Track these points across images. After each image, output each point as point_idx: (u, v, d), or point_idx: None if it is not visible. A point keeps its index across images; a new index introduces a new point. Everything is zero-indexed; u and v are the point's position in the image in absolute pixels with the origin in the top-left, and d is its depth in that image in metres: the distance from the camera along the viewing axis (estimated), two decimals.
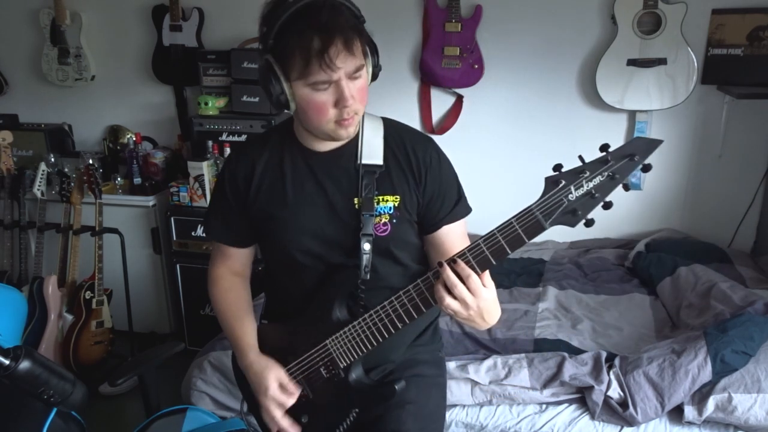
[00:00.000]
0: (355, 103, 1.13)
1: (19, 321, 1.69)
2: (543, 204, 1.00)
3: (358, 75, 1.12)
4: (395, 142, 1.25)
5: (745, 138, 2.81)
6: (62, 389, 1.05)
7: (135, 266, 3.09)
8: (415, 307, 1.12)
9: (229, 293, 1.38)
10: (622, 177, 0.95)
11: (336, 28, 1.06)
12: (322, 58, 1.06)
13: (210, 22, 3.20)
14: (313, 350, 1.24)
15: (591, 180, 0.97)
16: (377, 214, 1.21)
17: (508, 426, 2.01)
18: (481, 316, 1.07)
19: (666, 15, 2.64)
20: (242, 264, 1.41)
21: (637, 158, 0.94)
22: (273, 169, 1.26)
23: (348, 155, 1.23)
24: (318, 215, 1.23)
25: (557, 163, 1.01)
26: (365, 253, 1.20)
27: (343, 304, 1.24)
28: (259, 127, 2.98)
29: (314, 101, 1.12)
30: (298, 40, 1.06)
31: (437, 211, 1.26)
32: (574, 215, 0.98)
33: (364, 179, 1.20)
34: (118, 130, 3.46)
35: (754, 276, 2.53)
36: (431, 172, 1.24)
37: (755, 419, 1.86)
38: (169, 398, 2.64)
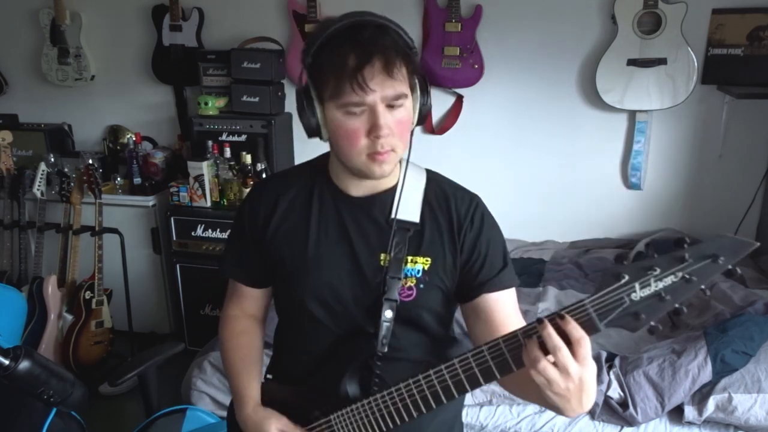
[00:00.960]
0: (392, 137, 1.00)
1: (18, 321, 1.69)
2: (599, 300, 0.82)
3: (399, 104, 0.99)
4: (436, 197, 1.12)
5: (745, 138, 2.81)
6: (62, 389, 1.05)
7: (135, 266, 3.09)
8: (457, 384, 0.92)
9: (241, 337, 1.23)
10: (700, 281, 0.78)
11: (376, 47, 0.96)
12: (354, 76, 0.95)
13: (210, 22, 3.20)
14: (314, 424, 1.10)
15: (661, 279, 0.79)
16: (404, 277, 1.07)
17: (508, 426, 2.01)
18: (580, 392, 0.85)
19: (666, 15, 2.64)
20: (258, 306, 1.26)
21: (722, 261, 0.77)
22: (298, 208, 1.13)
23: (382, 205, 1.10)
24: (339, 266, 1.10)
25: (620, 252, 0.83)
26: (386, 321, 1.06)
27: (354, 377, 1.08)
28: (259, 127, 2.98)
29: (345, 127, 1.00)
30: (334, 57, 0.97)
31: (475, 275, 1.09)
32: (637, 319, 0.81)
33: (396, 236, 1.07)
34: (118, 130, 3.46)
35: (754, 276, 2.53)
36: (472, 231, 1.10)
37: (755, 419, 1.86)
38: (169, 398, 2.64)
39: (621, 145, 2.95)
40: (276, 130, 3.00)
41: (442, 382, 0.94)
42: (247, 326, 1.25)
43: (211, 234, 2.94)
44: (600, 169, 3.01)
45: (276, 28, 3.13)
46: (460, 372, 0.92)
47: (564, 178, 3.05)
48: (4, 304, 1.66)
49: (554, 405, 0.88)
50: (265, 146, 2.98)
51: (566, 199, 3.07)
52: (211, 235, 2.94)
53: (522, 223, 3.02)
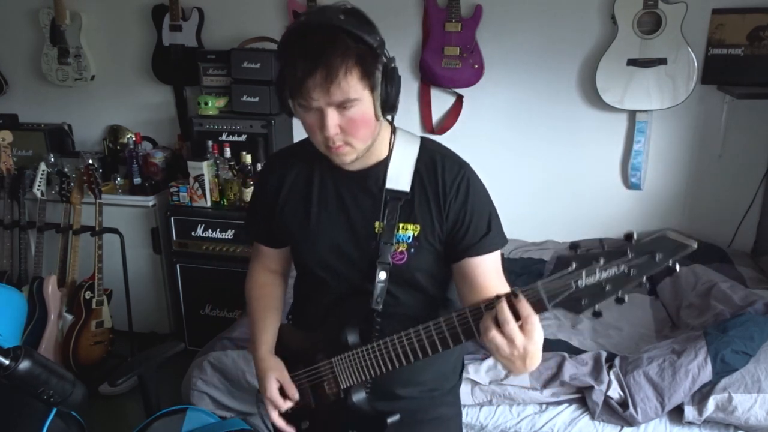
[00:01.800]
0: (344, 135, 1.08)
1: (18, 321, 1.69)
2: (549, 284, 0.91)
3: (349, 106, 1.05)
4: (426, 167, 1.19)
5: (745, 138, 2.81)
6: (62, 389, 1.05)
7: (135, 266, 3.09)
8: (442, 341, 1.05)
9: (263, 288, 1.39)
10: (639, 275, 0.86)
11: (321, 59, 1.00)
12: (299, 88, 1.03)
13: (210, 22, 3.20)
14: (319, 364, 1.24)
15: (605, 270, 0.87)
16: (395, 242, 1.17)
17: (508, 426, 2.01)
18: (524, 358, 0.97)
19: (666, 15, 2.64)
20: (278, 263, 1.41)
21: (659, 258, 0.84)
22: (301, 183, 1.25)
23: (375, 177, 1.19)
24: (338, 234, 1.22)
25: (574, 242, 0.90)
26: (380, 282, 1.17)
27: (355, 328, 1.21)
28: (259, 127, 2.98)
29: (304, 120, 1.10)
30: (286, 63, 1.05)
31: (460, 240, 1.18)
32: (579, 303, 0.90)
33: (388, 206, 1.17)
34: (118, 130, 3.46)
35: (754, 276, 2.53)
36: (457, 199, 1.17)
37: (755, 419, 1.86)
38: (169, 398, 2.64)
39: (621, 145, 2.95)
40: (276, 130, 3.00)
41: (419, 341, 1.07)
42: (269, 279, 1.40)
43: (211, 234, 2.94)
44: (600, 169, 3.01)
45: (276, 28, 3.13)
46: (433, 333, 1.05)
47: (564, 178, 3.05)
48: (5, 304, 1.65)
49: (503, 365, 1.07)
50: (265, 146, 2.98)
51: (566, 199, 3.07)
52: (211, 235, 2.94)
53: (522, 223, 3.02)
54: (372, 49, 1.05)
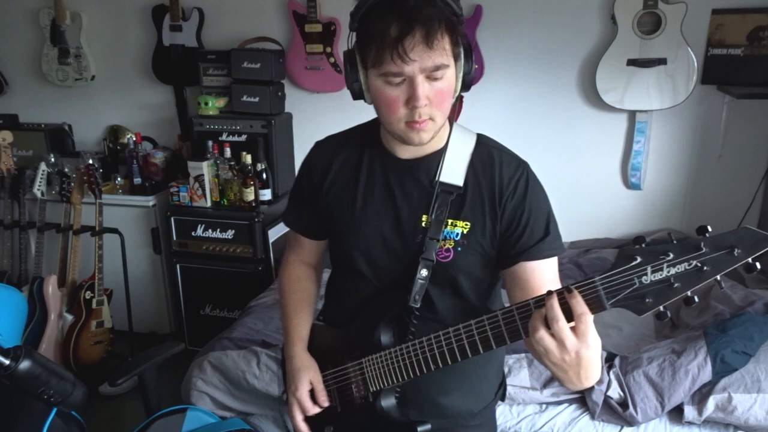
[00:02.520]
0: (431, 107, 1.02)
1: (19, 321, 1.69)
2: (610, 279, 0.83)
3: (439, 76, 1.00)
4: (482, 162, 1.13)
5: (745, 138, 2.81)
6: (62, 389, 1.05)
7: (135, 266, 3.09)
8: (484, 342, 0.97)
9: (298, 282, 1.33)
10: (713, 271, 0.77)
11: (419, 18, 0.95)
12: (395, 47, 0.96)
13: (210, 22, 3.20)
14: (349, 365, 1.19)
15: (674, 265, 0.79)
16: (442, 239, 1.10)
17: (508, 426, 2.01)
18: (578, 366, 0.88)
19: (666, 15, 2.64)
20: (314, 255, 1.35)
21: (738, 253, 0.76)
22: (349, 168, 1.19)
23: (427, 168, 1.13)
24: (382, 224, 1.15)
25: (640, 235, 0.83)
26: (420, 279, 1.10)
27: (389, 327, 1.15)
28: (259, 127, 2.98)
29: (385, 95, 1.02)
30: (377, 26, 0.98)
31: (515, 242, 1.10)
32: (643, 303, 0.82)
33: (438, 199, 1.10)
34: (118, 130, 3.46)
35: (754, 276, 2.53)
36: (514, 198, 1.10)
37: (755, 419, 1.86)
38: (169, 398, 2.64)
39: (621, 145, 2.95)
40: (276, 130, 3.00)
41: (458, 341, 1.00)
42: (304, 272, 1.35)
43: (211, 234, 2.94)
44: (600, 169, 3.01)
45: (276, 28, 3.13)
46: (475, 333, 0.98)
47: (564, 178, 3.05)
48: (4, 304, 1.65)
49: (555, 375, 0.92)
50: (265, 146, 2.98)
51: (566, 199, 3.07)
52: (212, 235, 2.94)
53: None
54: (458, 16, 1.01)
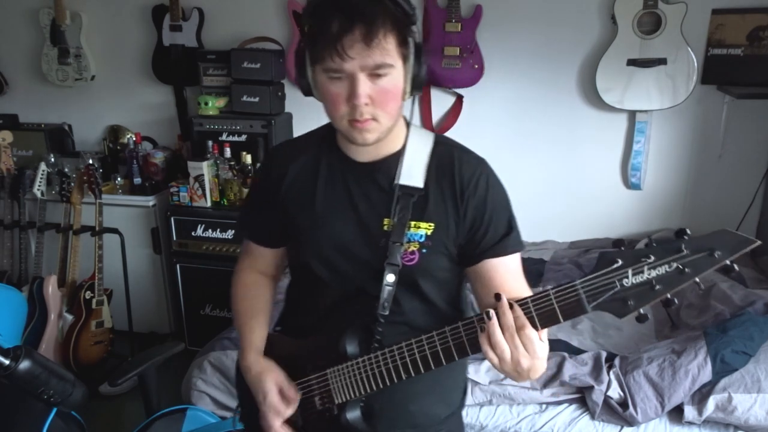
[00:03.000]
0: (373, 107, 1.00)
1: (19, 321, 1.69)
2: (590, 283, 0.85)
3: (382, 73, 0.98)
4: (442, 162, 1.12)
5: (745, 138, 2.81)
6: (62, 389, 1.05)
7: (135, 266, 3.09)
8: (446, 353, 0.98)
9: (249, 289, 1.27)
10: (693, 273, 0.79)
11: (361, 16, 0.95)
12: (334, 44, 0.95)
13: (210, 22, 3.20)
14: (312, 376, 1.13)
15: (654, 268, 0.80)
16: (406, 242, 1.08)
17: (508, 426, 2.01)
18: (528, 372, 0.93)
19: (666, 15, 2.64)
20: (268, 265, 1.29)
21: (719, 255, 0.78)
22: (307, 173, 1.16)
23: (386, 170, 1.11)
24: (344, 229, 1.12)
25: (619, 238, 0.85)
26: (387, 285, 1.07)
27: (354, 336, 1.11)
28: (259, 127, 2.98)
29: (328, 91, 1.01)
30: (320, 22, 0.97)
31: (479, 241, 1.10)
32: (624, 305, 0.83)
33: (400, 202, 1.08)
34: (118, 130, 3.46)
35: (754, 276, 2.53)
36: (475, 197, 1.09)
37: (755, 419, 1.86)
38: (169, 398, 2.64)
39: (621, 145, 2.95)
40: (276, 130, 3.00)
41: (421, 352, 1.00)
42: (256, 279, 1.29)
43: (211, 234, 2.94)
44: (600, 169, 3.01)
45: (276, 28, 3.13)
46: (437, 344, 0.99)
47: (564, 178, 3.05)
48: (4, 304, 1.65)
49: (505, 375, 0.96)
50: (265, 146, 2.98)
51: (566, 199, 3.07)
52: (212, 235, 2.94)
53: (522, 223, 3.01)
54: (408, 16, 1.00)
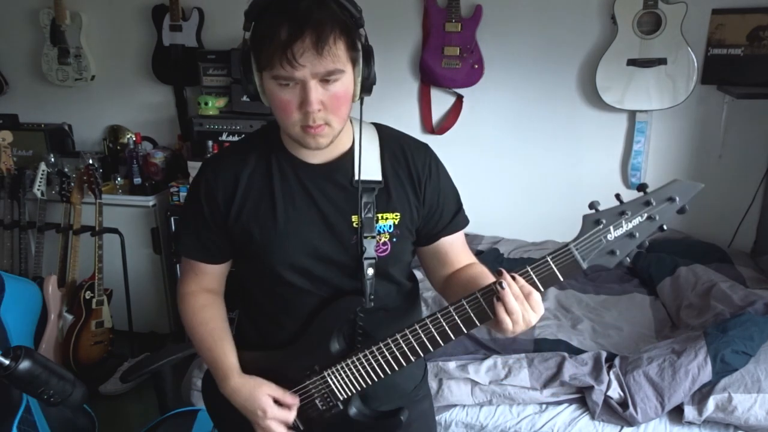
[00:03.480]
0: (326, 112, 1.00)
1: (32, 314, 1.68)
2: (581, 243, 0.99)
3: (333, 79, 0.98)
4: (392, 153, 1.14)
5: (745, 138, 2.81)
6: (62, 389, 1.05)
7: (135, 266, 3.09)
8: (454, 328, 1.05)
9: (204, 311, 1.22)
10: (661, 219, 0.96)
11: (310, 21, 0.93)
12: (284, 51, 0.94)
13: (210, 22, 3.20)
14: (308, 381, 1.14)
15: (631, 220, 0.97)
16: (377, 233, 1.11)
17: (508, 426, 2.01)
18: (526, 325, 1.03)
19: (666, 15, 2.64)
20: (216, 281, 1.25)
21: (678, 200, 0.95)
22: (259, 182, 1.12)
23: (343, 169, 1.11)
24: (312, 234, 1.11)
25: (593, 201, 1.01)
26: (369, 279, 1.10)
27: (340, 332, 1.14)
28: (259, 127, 2.97)
29: (279, 98, 1.00)
30: (268, 28, 0.96)
31: (436, 222, 1.17)
32: (612, 255, 0.99)
33: (363, 198, 1.09)
34: (118, 130, 3.46)
35: (754, 276, 2.53)
36: (431, 182, 1.15)
37: (755, 419, 1.86)
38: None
39: (621, 145, 2.95)
40: None
41: (427, 333, 1.06)
42: (208, 300, 1.24)
43: None
44: (600, 169, 3.00)
45: None
46: (443, 323, 1.05)
47: (564, 178, 3.05)
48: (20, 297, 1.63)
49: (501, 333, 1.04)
50: None
51: (566, 199, 3.07)
52: None
53: (522, 223, 3.02)
54: (356, 20, 0.99)
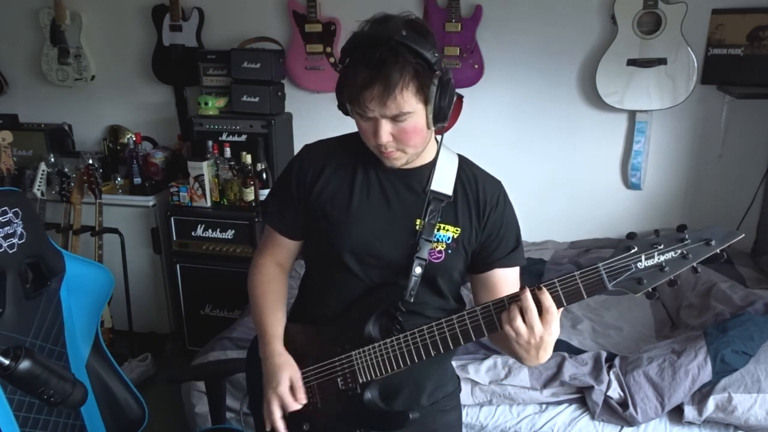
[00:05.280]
0: (396, 143, 1.14)
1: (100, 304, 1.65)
2: (610, 265, 1.02)
3: (403, 119, 1.11)
4: (467, 176, 1.26)
5: (745, 138, 2.81)
6: (62, 389, 1.05)
7: (135, 266, 3.09)
8: (464, 334, 1.12)
9: (271, 283, 1.36)
10: (694, 258, 0.98)
11: (380, 73, 1.06)
12: (356, 96, 1.09)
13: (210, 22, 3.20)
14: (335, 358, 1.23)
15: (664, 254, 0.99)
16: (435, 241, 1.22)
17: (508, 426, 2.01)
18: (539, 348, 1.07)
19: (666, 15, 2.64)
20: (288, 256, 1.38)
21: (714, 244, 0.97)
22: (344, 171, 1.26)
23: (419, 177, 1.24)
24: (376, 226, 1.23)
25: (631, 231, 1.04)
26: (414, 276, 1.20)
27: (378, 320, 1.23)
28: (259, 127, 2.98)
29: (359, 124, 1.16)
30: (351, 68, 1.10)
31: (492, 251, 1.26)
32: (639, 283, 1.01)
33: (431, 205, 1.22)
34: (118, 130, 3.46)
35: (754, 276, 2.53)
36: (495, 212, 1.25)
37: (755, 419, 1.86)
38: (168, 398, 2.65)
39: (621, 145, 2.95)
40: (276, 130, 3.00)
41: (441, 334, 1.14)
42: (276, 273, 1.37)
43: (211, 234, 2.94)
44: (600, 168, 3.01)
45: (276, 28, 3.13)
46: (456, 327, 1.13)
47: (564, 178, 3.05)
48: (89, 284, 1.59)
49: (517, 353, 1.11)
50: (265, 146, 2.98)
51: (566, 199, 3.07)
52: (212, 235, 2.94)
53: (522, 223, 3.01)
54: (429, 64, 1.10)
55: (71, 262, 1.54)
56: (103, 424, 1.59)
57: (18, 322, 1.39)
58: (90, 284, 1.60)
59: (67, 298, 1.53)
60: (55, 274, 1.50)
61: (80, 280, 1.56)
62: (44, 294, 1.47)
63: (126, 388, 1.66)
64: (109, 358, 1.65)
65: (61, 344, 1.51)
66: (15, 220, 1.39)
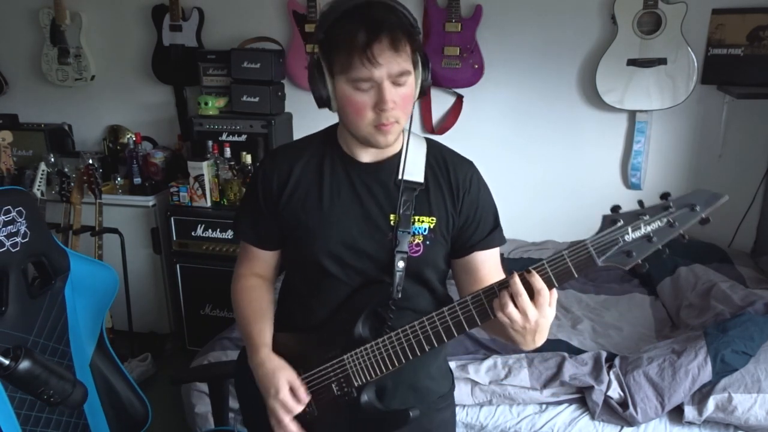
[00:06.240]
0: (396, 110, 1.10)
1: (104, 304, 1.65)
2: (598, 240, 1.00)
3: (403, 81, 1.08)
4: (437, 161, 1.23)
5: (745, 138, 2.81)
6: (62, 389, 1.05)
7: (135, 266, 3.09)
8: (457, 325, 1.09)
9: (252, 292, 1.32)
10: (680, 225, 0.97)
11: (385, 25, 1.04)
12: (364, 52, 1.03)
13: (210, 22, 3.20)
14: (327, 364, 1.19)
15: (650, 224, 0.98)
16: (412, 234, 1.18)
17: (508, 426, 2.01)
18: (534, 332, 1.05)
19: (666, 15, 2.64)
20: (267, 267, 1.35)
21: (698, 209, 0.96)
22: (310, 174, 1.22)
23: (389, 169, 1.20)
24: (351, 225, 1.19)
25: (615, 204, 1.01)
26: (399, 271, 1.17)
27: (367, 320, 1.19)
28: (259, 127, 2.98)
29: (354, 100, 1.09)
30: (345, 33, 1.05)
31: (470, 235, 1.22)
32: (629, 256, 0.99)
33: (404, 195, 1.18)
34: (118, 130, 3.46)
35: (754, 276, 2.53)
36: (470, 195, 1.22)
37: (755, 419, 1.86)
38: (168, 398, 2.65)
39: (621, 145, 2.95)
40: (276, 130, 3.00)
41: (433, 327, 1.10)
42: (257, 283, 1.33)
43: (211, 234, 2.94)
44: (600, 169, 3.01)
45: (276, 28, 3.13)
46: (448, 319, 1.09)
47: (564, 178, 3.05)
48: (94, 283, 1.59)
49: (514, 339, 1.08)
50: (265, 146, 2.98)
51: (566, 199, 3.07)
52: (212, 235, 2.94)
53: (522, 223, 3.02)
54: (414, 27, 1.09)
55: (76, 261, 1.54)
56: (106, 423, 1.59)
57: (22, 320, 1.40)
58: (95, 283, 1.60)
59: (72, 296, 1.53)
60: (59, 272, 1.50)
61: (85, 279, 1.56)
62: (49, 292, 1.48)
63: (130, 388, 1.66)
64: (113, 358, 1.65)
65: (65, 342, 1.51)
66: (18, 219, 1.39)
